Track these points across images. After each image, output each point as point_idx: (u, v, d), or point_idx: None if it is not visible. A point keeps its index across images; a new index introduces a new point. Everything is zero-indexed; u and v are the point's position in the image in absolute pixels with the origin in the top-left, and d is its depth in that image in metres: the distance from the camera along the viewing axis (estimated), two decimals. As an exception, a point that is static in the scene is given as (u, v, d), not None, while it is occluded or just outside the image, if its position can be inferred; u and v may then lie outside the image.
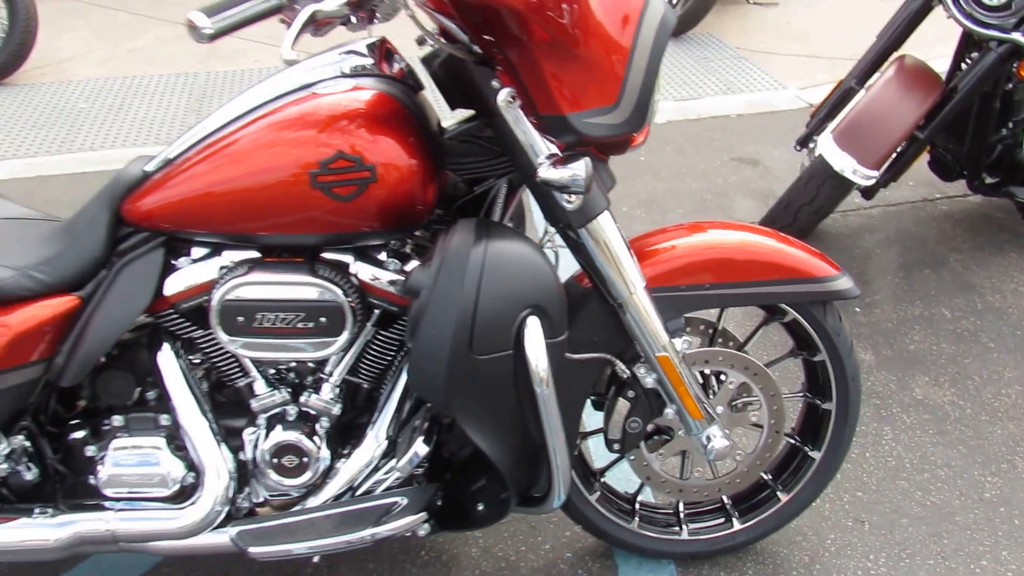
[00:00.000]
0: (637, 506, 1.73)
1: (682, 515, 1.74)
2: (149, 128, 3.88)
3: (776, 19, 5.17)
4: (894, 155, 2.55)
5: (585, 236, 1.38)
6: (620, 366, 1.51)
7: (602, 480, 1.72)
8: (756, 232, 1.58)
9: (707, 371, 1.59)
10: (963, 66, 2.64)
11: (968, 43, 2.63)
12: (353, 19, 1.32)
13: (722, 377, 1.60)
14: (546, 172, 1.25)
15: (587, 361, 1.48)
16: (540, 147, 1.30)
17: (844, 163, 2.43)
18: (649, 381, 1.51)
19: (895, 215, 3.14)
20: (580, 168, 1.24)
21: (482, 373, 1.25)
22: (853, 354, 1.61)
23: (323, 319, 1.36)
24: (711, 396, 1.58)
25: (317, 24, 1.20)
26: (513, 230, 1.33)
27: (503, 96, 1.27)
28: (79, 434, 1.51)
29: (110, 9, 5.33)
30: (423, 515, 1.43)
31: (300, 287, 1.35)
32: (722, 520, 1.74)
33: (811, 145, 2.74)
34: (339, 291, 1.36)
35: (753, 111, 4.02)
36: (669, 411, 1.54)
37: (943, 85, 2.59)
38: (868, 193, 2.74)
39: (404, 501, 1.42)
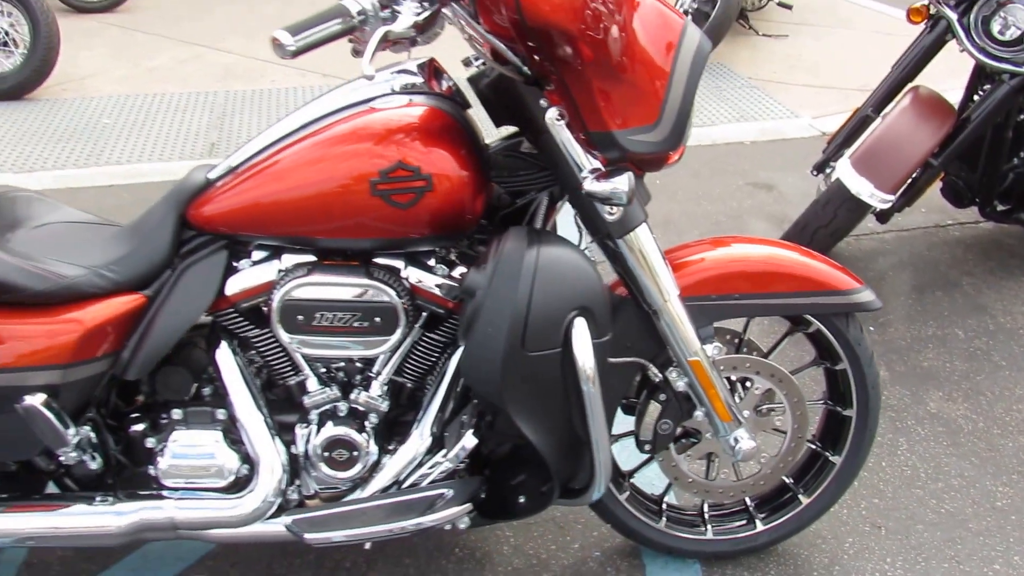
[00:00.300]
0: (664, 506, 1.80)
1: (707, 516, 1.82)
2: (173, 144, 4.00)
3: (786, 50, 5.31)
4: (909, 181, 2.64)
5: (624, 246, 1.47)
6: (653, 370, 1.60)
7: (630, 481, 1.80)
8: (781, 246, 1.67)
9: (734, 377, 1.67)
10: (975, 97, 2.75)
11: (981, 75, 2.74)
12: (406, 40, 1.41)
13: (748, 383, 1.68)
14: (591, 185, 1.35)
15: (622, 365, 1.56)
16: (584, 162, 1.39)
17: (862, 187, 2.52)
18: (680, 385, 1.59)
19: (908, 240, 3.23)
20: (623, 182, 1.33)
21: (533, 369, 1.33)
22: (873, 363, 1.69)
23: (377, 319, 1.45)
24: (738, 401, 1.66)
25: (386, 44, 1.30)
26: (562, 238, 1.42)
27: (551, 114, 1.37)
28: (139, 427, 1.59)
29: (126, 29, 5.49)
30: (468, 506, 1.51)
31: (357, 288, 1.44)
32: (745, 521, 1.81)
33: (828, 170, 2.84)
34: (393, 293, 1.45)
35: (766, 138, 4.13)
36: (699, 414, 1.62)
37: (956, 115, 2.69)
38: (883, 217, 2.84)
39: (450, 493, 1.50)
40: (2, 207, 1.58)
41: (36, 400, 1.44)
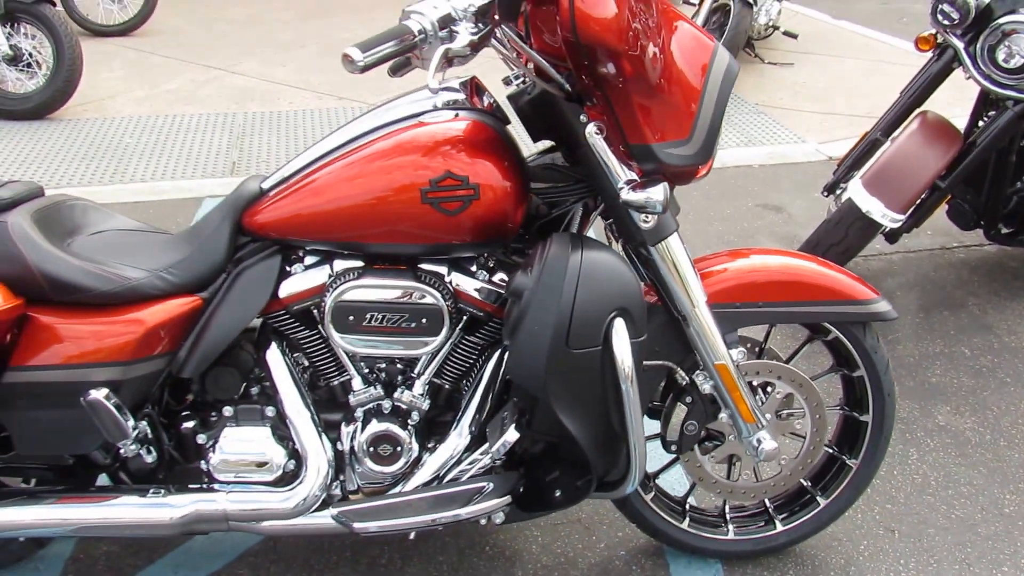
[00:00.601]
0: (687, 507, 1.88)
1: (728, 516, 1.89)
2: (196, 162, 4.10)
3: (792, 78, 5.44)
4: (918, 202, 2.74)
5: (656, 254, 1.56)
6: (680, 373, 1.68)
7: (655, 482, 1.87)
8: (800, 257, 1.76)
9: (756, 382, 1.76)
10: (981, 123, 2.85)
11: (986, 101, 2.85)
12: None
13: (769, 388, 1.77)
14: (627, 194, 1.45)
15: (651, 368, 1.65)
16: (621, 173, 1.49)
17: (873, 206, 2.62)
18: (706, 388, 1.68)
19: (915, 261, 3.33)
20: (658, 191, 1.43)
21: (576, 365, 1.42)
22: (889, 371, 1.78)
23: (424, 320, 1.54)
24: (760, 405, 1.74)
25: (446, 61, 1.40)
26: (603, 243, 1.51)
27: (591, 128, 1.47)
28: (190, 424, 1.68)
29: (143, 52, 5.63)
30: (507, 498, 1.59)
31: (405, 291, 1.53)
32: (765, 522, 1.89)
33: (838, 191, 2.95)
34: (438, 296, 1.54)
35: (775, 162, 4.25)
36: (723, 416, 1.71)
37: (963, 139, 2.80)
38: (892, 237, 2.94)
39: (490, 486, 1.59)
40: (62, 214, 1.67)
41: (100, 394, 1.52)
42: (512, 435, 1.54)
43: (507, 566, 1.91)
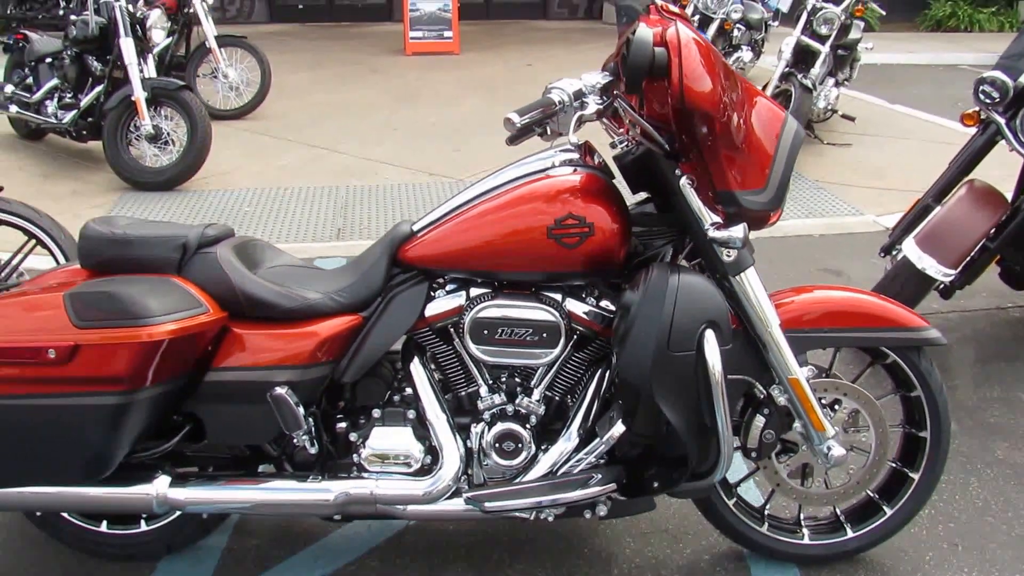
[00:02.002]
0: (766, 513, 2.13)
1: (803, 522, 2.13)
2: (305, 229, 4.55)
3: (850, 158, 5.76)
4: (968, 259, 3.01)
5: (736, 284, 1.88)
6: (759, 387, 1.97)
7: (736, 490, 2.13)
8: (859, 292, 2.05)
9: (824, 400, 2.02)
10: (1025, 190, 3.13)
11: (1030, 170, 3.13)
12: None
13: (836, 406, 2.04)
14: (713, 232, 1.79)
15: (734, 381, 1.93)
16: (707, 216, 1.82)
17: (926, 263, 2.90)
18: (782, 400, 1.96)
19: (971, 319, 3.55)
20: (739, 230, 1.77)
21: (675, 365, 1.73)
22: (944, 391, 2.03)
23: (544, 334, 1.87)
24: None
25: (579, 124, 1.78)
26: (695, 270, 1.84)
27: (685, 180, 1.82)
28: (343, 425, 2.02)
29: (256, 134, 6.26)
30: (614, 485, 1.88)
31: (532, 310, 1.87)
32: (837, 529, 2.12)
33: (894, 252, 3.22)
34: (557, 315, 1.88)
35: (834, 232, 4.53)
36: (796, 426, 1.98)
37: (1008, 205, 3.07)
38: (946, 293, 3.18)
39: (599, 475, 1.88)
40: (249, 249, 2.07)
41: (282, 390, 1.88)
42: (619, 428, 1.84)
43: (604, 565, 2.17)
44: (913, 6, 11.66)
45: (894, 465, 2.12)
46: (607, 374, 1.96)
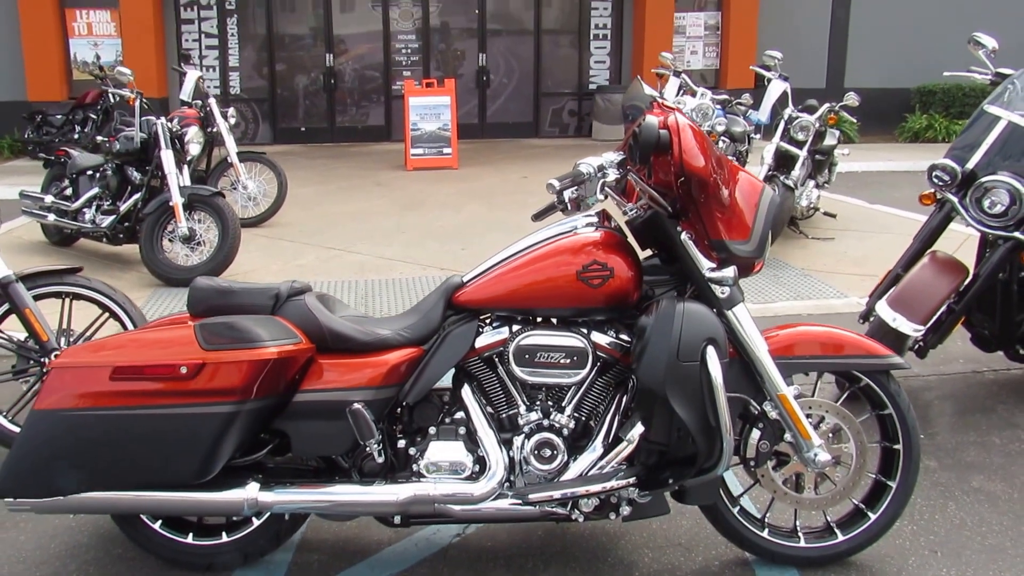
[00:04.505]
0: (766, 521, 2.46)
1: (799, 529, 2.46)
2: (337, 318, 4.98)
3: (833, 249, 6.27)
4: (935, 318, 3.42)
5: (730, 316, 2.29)
6: (754, 404, 2.35)
7: (739, 501, 2.47)
8: (835, 327, 2.47)
9: (811, 418, 2.40)
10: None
11: (985, 242, 3.60)
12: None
13: (820, 424, 2.41)
14: (709, 273, 2.23)
15: (732, 399, 2.32)
16: (703, 261, 2.27)
17: (898, 321, 3.32)
18: (773, 415, 2.33)
19: (949, 380, 3.93)
20: (729, 271, 2.22)
21: (683, 372, 2.12)
22: (911, 409, 2.41)
23: (575, 357, 2.28)
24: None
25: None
26: (696, 300, 2.26)
27: (685, 235, 2.27)
28: (403, 442, 2.39)
29: (273, 239, 6.76)
30: (634, 479, 2.24)
31: (565, 338, 2.29)
32: (828, 533, 2.45)
33: (871, 318, 3.64)
34: (585, 342, 2.29)
35: (820, 312, 4.95)
36: (787, 437, 2.34)
37: (967, 270, 3.52)
38: (921, 353, 3.58)
39: (622, 471, 2.25)
40: (327, 301, 2.50)
41: (360, 406, 2.26)
42: (639, 429, 2.22)
43: (626, 570, 2.48)
44: (892, 119, 12.45)
45: (874, 477, 2.47)
46: (624, 398, 2.35)
